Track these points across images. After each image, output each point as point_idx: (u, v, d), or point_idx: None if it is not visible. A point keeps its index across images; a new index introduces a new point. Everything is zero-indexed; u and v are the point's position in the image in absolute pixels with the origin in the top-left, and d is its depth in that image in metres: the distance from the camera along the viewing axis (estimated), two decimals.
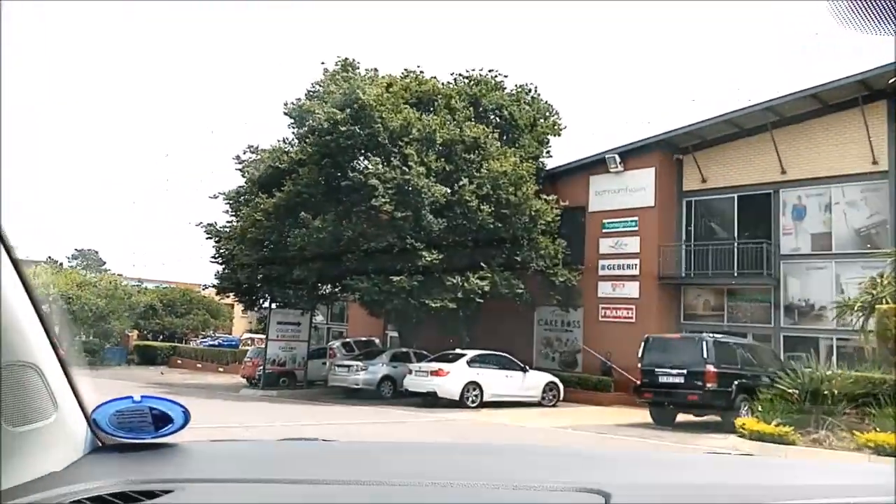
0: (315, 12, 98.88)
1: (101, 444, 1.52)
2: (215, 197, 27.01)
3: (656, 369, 15.36)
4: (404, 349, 23.44)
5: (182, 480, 1.35)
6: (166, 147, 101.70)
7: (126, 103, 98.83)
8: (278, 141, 25.56)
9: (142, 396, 1.56)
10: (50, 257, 52.29)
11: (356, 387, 21.72)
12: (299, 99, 23.96)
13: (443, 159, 20.92)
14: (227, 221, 26.94)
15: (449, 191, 20.40)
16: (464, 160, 20.97)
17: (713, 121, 22.74)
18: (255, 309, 30.17)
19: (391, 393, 21.70)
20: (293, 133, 24.88)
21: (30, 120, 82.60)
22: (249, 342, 61.13)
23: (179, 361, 44.08)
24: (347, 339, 29.59)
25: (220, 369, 38.60)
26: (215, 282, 27.54)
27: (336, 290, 25.23)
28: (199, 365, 42.27)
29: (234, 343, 54.40)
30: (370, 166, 20.05)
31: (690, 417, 15.64)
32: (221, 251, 25.82)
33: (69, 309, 40.22)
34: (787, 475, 1.81)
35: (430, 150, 20.68)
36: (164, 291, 50.37)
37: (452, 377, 19.05)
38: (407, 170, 19.65)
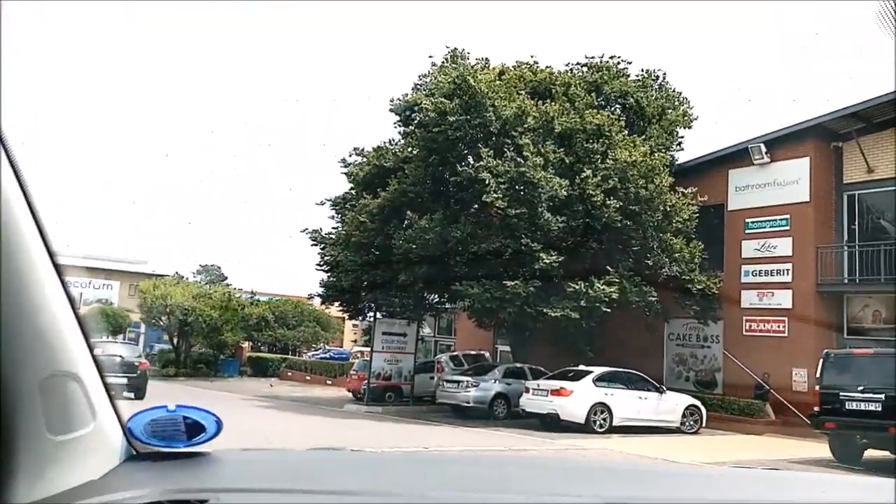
0: (422, 11, 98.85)
1: (135, 453, 1.51)
2: (322, 203, 26.05)
3: (841, 393, 12.29)
4: (518, 364, 21.12)
5: (216, 490, 1.40)
6: (289, 161, 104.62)
7: (241, 128, 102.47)
8: (384, 142, 24.12)
9: (176, 406, 1.56)
10: (177, 272, 53.92)
11: (466, 405, 19.59)
12: (405, 94, 22.35)
13: (562, 150, 18.56)
14: (333, 227, 25.84)
15: (569, 184, 17.97)
16: (586, 150, 18.51)
17: (882, 99, 19.15)
18: (361, 318, 28.75)
19: (505, 413, 19.45)
20: (399, 132, 23.33)
21: (162, 145, 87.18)
22: (359, 355, 60.70)
23: (290, 374, 43.62)
24: (456, 353, 27.59)
25: (328, 382, 37.61)
26: (320, 290, 26.38)
27: (444, 298, 23.33)
28: (307, 377, 41.59)
29: (344, 356, 53.87)
30: (482, 160, 17.95)
31: (885, 454, 12.40)
32: (326, 258, 24.66)
33: (185, 320, 40.70)
34: (803, 489, 1.86)
35: (548, 140, 18.38)
36: (276, 303, 50.38)
37: (577, 397, 16.58)
38: (521, 161, 17.41)
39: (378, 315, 24.77)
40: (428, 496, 1.46)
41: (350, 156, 24.65)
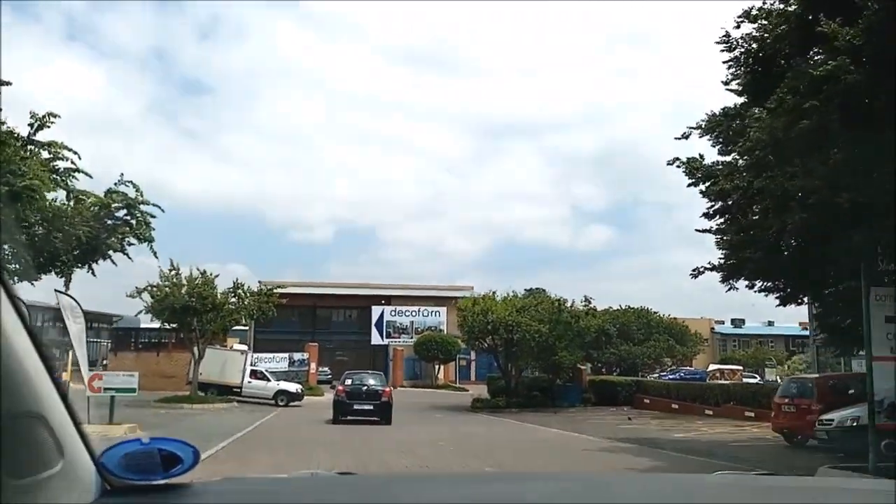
0: None
1: (109, 488, 1.46)
2: (685, 136, 15.73)
3: None
4: None
5: None
6: None
7: None
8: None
9: (150, 438, 1.52)
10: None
11: None
12: None
13: None
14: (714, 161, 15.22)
15: None
16: None
17: None
18: (797, 302, 17.06)
19: None
20: None
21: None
22: (718, 375, 47.58)
23: (646, 400, 32.75)
24: None
25: (748, 414, 25.27)
26: (707, 265, 15.57)
27: None
28: (674, 405, 30.34)
29: (699, 376, 41.78)
30: None
31: None
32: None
33: (511, 338, 32.63)
34: (790, 495, 1.93)
35: None
36: (616, 314, 40.24)
37: None
38: None
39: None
40: None
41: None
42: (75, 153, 18.52)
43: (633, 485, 2.32)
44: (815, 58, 11.27)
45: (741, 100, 14.84)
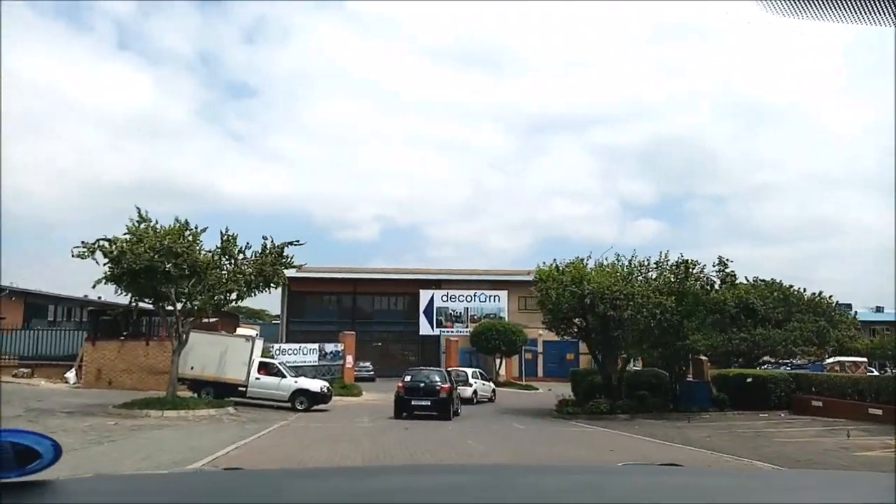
0: None
1: None
2: None
3: None
4: None
5: None
6: None
7: None
8: None
9: (1, 430, 1.34)
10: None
11: None
12: None
13: None
14: None
15: None
16: None
17: None
18: None
19: None
20: None
21: None
22: (838, 368, 37.19)
23: (817, 403, 22.71)
24: None
25: None
26: None
27: None
28: (874, 410, 20.21)
29: (810, 370, 31.67)
30: None
31: None
32: None
33: (613, 316, 22.96)
34: (792, 486, 1.85)
35: None
36: (757, 286, 29.86)
37: None
38: None
39: None
40: None
41: None
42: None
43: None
44: None
45: None
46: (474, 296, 49.38)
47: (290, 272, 48.08)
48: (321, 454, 12.78)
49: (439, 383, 21.37)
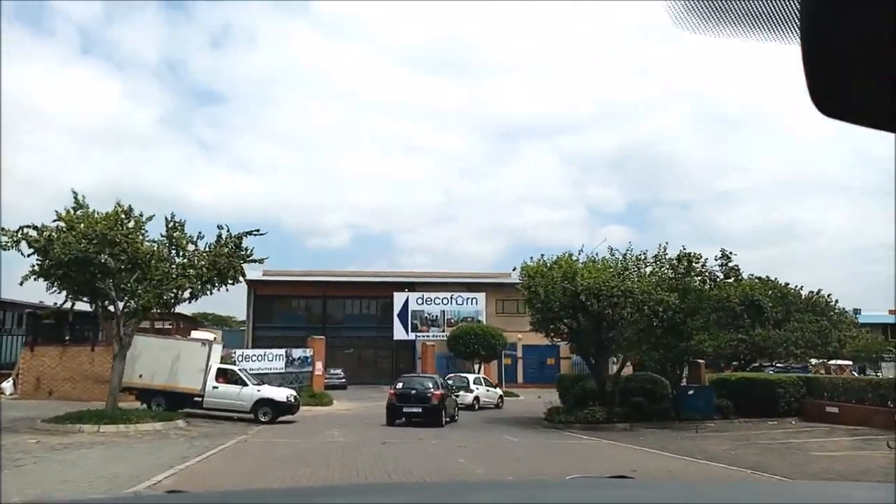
0: None
1: None
2: None
3: None
4: None
5: None
6: None
7: None
8: None
9: None
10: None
11: None
12: None
13: None
14: None
15: None
16: None
17: None
18: None
19: None
20: None
21: None
22: (822, 370, 35.85)
23: (832, 409, 20.75)
24: None
25: None
26: None
27: None
28: None
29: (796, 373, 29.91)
30: None
31: None
32: None
33: (610, 316, 20.75)
34: (790, 496, 1.83)
35: None
36: (757, 282, 27.96)
37: None
38: None
39: None
40: None
41: None
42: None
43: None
44: None
45: None
46: (451, 298, 46.92)
47: (255, 273, 45.18)
48: (280, 480, 10.24)
49: (431, 390, 20.95)
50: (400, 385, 21.60)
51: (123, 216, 16.50)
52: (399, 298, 46.45)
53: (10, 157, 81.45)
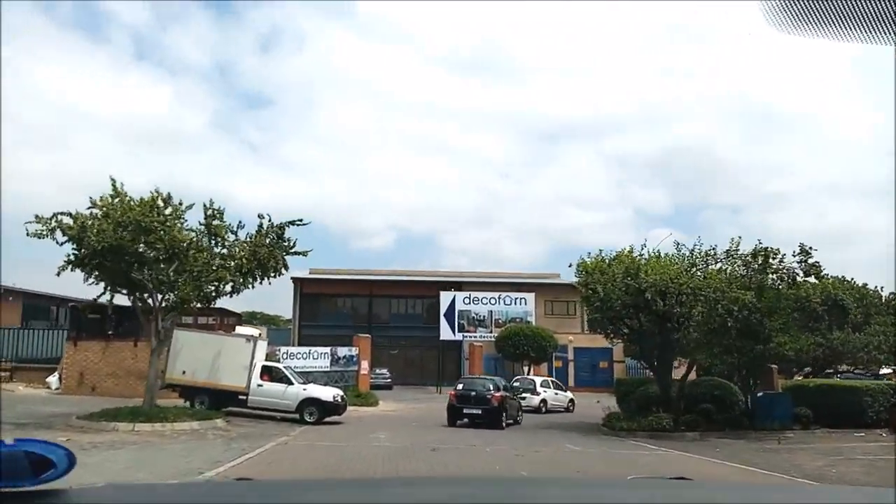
0: None
1: None
2: None
3: None
4: None
5: None
6: None
7: None
8: None
9: (15, 440, 1.32)
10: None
11: None
12: None
13: None
14: None
15: None
16: None
17: None
18: None
19: None
20: None
21: None
22: None
23: None
24: None
25: None
26: None
27: None
28: None
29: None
30: None
31: None
32: None
33: (679, 315, 18.96)
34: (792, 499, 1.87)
35: None
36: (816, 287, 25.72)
37: None
38: None
39: None
40: None
41: None
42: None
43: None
44: None
45: None
46: (499, 298, 45.36)
47: (302, 271, 44.34)
48: None
49: (491, 392, 20.79)
50: (460, 386, 21.53)
51: (161, 203, 15.57)
52: (445, 298, 45.13)
53: (62, 157, 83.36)
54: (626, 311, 20.60)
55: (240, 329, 28.06)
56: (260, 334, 25.00)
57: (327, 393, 20.86)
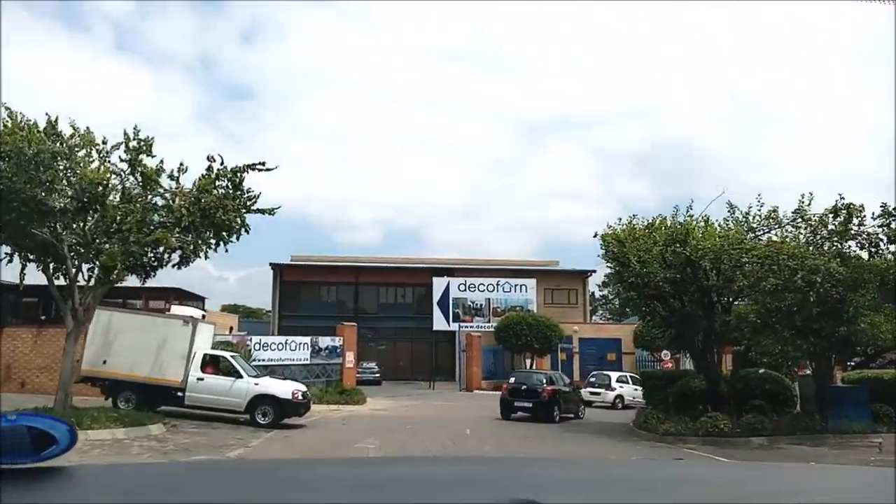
0: None
1: None
2: None
3: None
4: None
5: None
6: None
7: None
8: None
9: (17, 415, 1.31)
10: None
11: None
12: None
13: None
14: None
15: None
16: None
17: None
18: None
19: None
20: None
21: None
22: None
23: None
24: None
25: None
26: None
27: None
28: None
29: None
30: None
31: None
32: None
33: (722, 286, 15.05)
34: (791, 479, 1.82)
35: None
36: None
37: None
38: None
39: None
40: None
41: None
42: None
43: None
44: None
45: None
46: (497, 285, 41.38)
47: (282, 257, 39.91)
48: None
49: (543, 385, 20.86)
50: (512, 380, 21.87)
51: (70, 131, 11.39)
52: (439, 284, 41.09)
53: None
54: (666, 286, 16.73)
55: (176, 309, 23.61)
56: (203, 316, 20.80)
57: (285, 388, 16.71)
